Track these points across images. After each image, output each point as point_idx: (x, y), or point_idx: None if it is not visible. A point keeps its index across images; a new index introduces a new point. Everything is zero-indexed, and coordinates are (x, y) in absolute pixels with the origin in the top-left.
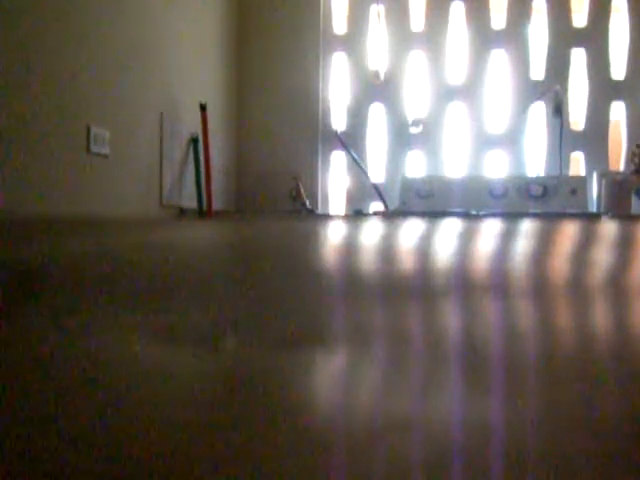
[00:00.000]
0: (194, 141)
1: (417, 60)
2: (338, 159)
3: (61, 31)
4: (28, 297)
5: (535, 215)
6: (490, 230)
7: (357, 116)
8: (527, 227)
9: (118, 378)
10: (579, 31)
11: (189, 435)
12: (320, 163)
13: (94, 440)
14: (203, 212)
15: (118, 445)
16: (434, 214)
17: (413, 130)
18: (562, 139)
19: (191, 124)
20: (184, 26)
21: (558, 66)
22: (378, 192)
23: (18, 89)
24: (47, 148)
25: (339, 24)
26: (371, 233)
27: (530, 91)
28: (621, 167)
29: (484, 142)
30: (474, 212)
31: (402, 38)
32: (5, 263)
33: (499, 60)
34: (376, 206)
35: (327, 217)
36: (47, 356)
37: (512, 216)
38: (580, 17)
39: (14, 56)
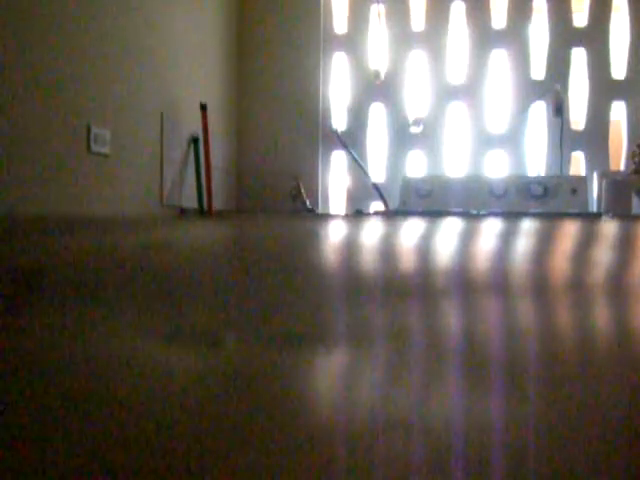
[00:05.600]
0: (194, 141)
1: (417, 60)
2: (338, 159)
3: (62, 31)
4: (29, 297)
5: (535, 215)
6: (490, 230)
7: (357, 116)
8: (527, 227)
9: (118, 377)
10: (579, 31)
11: (190, 434)
12: (320, 163)
13: (95, 439)
14: (204, 212)
15: (118, 444)
16: (434, 214)
17: (413, 130)
18: (562, 139)
19: (191, 124)
20: (184, 26)
21: (558, 66)
22: (378, 192)
23: (18, 89)
24: (47, 148)
25: (339, 24)
26: (372, 233)
27: (530, 91)
28: (621, 167)
29: (484, 142)
30: (474, 212)
31: (402, 38)
32: (6, 263)
33: (499, 60)
34: (376, 206)
35: (327, 217)
36: (47, 356)
37: (512, 216)
38: (580, 17)
39: (14, 56)
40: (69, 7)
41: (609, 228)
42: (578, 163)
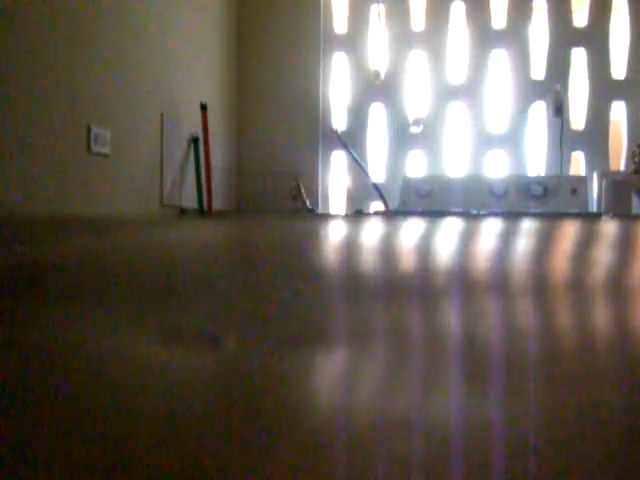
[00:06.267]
0: (194, 141)
1: (417, 60)
2: (338, 159)
3: (62, 31)
4: (29, 297)
5: (535, 215)
6: (490, 230)
7: (357, 116)
8: (527, 227)
9: (117, 377)
10: (579, 31)
11: (190, 434)
12: (320, 163)
13: (95, 440)
14: (204, 212)
15: (118, 445)
16: (434, 214)
17: (413, 130)
18: (562, 139)
19: (191, 124)
20: (184, 26)
21: (558, 66)
22: (378, 192)
23: (19, 89)
24: (47, 148)
25: (339, 24)
26: (372, 233)
27: (530, 91)
28: (621, 167)
29: (484, 142)
30: (474, 212)
31: (402, 38)
32: (6, 263)
33: (499, 60)
34: (376, 206)
35: (328, 217)
36: (47, 355)
37: (512, 216)
38: (580, 17)
39: (15, 56)
40: (69, 8)
41: (609, 228)
42: (578, 163)
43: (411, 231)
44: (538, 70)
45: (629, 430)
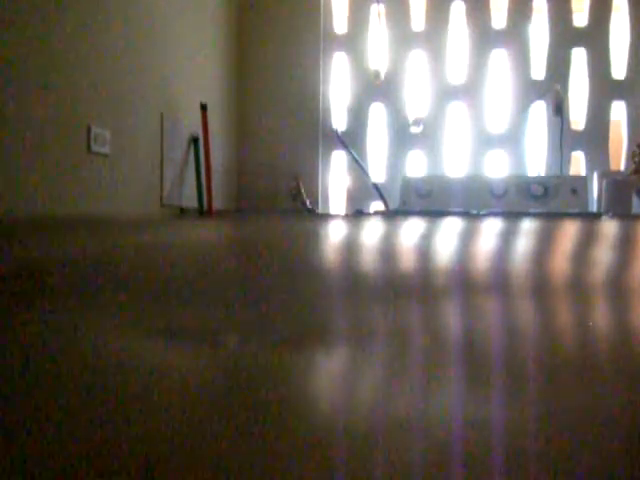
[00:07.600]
0: (194, 141)
1: (417, 60)
2: (338, 159)
3: (62, 31)
4: (30, 296)
5: (535, 215)
6: (491, 230)
7: (357, 116)
8: (527, 227)
9: (119, 376)
10: (580, 31)
11: (189, 434)
12: (320, 163)
13: (95, 438)
14: (203, 211)
15: (118, 444)
16: (435, 214)
17: (413, 130)
18: (563, 139)
19: (191, 124)
20: (184, 26)
21: (559, 65)
22: (378, 192)
23: (19, 89)
24: (47, 148)
25: (339, 24)
26: (372, 233)
27: (531, 90)
28: (622, 167)
29: (484, 142)
30: (474, 212)
31: (402, 38)
32: (6, 263)
33: (500, 60)
34: (377, 206)
35: (328, 216)
36: (49, 353)
37: (512, 216)
38: (581, 17)
39: (14, 56)
40: (69, 7)
41: (609, 228)
42: (578, 163)
43: (411, 231)
44: (538, 70)
45: (629, 429)
